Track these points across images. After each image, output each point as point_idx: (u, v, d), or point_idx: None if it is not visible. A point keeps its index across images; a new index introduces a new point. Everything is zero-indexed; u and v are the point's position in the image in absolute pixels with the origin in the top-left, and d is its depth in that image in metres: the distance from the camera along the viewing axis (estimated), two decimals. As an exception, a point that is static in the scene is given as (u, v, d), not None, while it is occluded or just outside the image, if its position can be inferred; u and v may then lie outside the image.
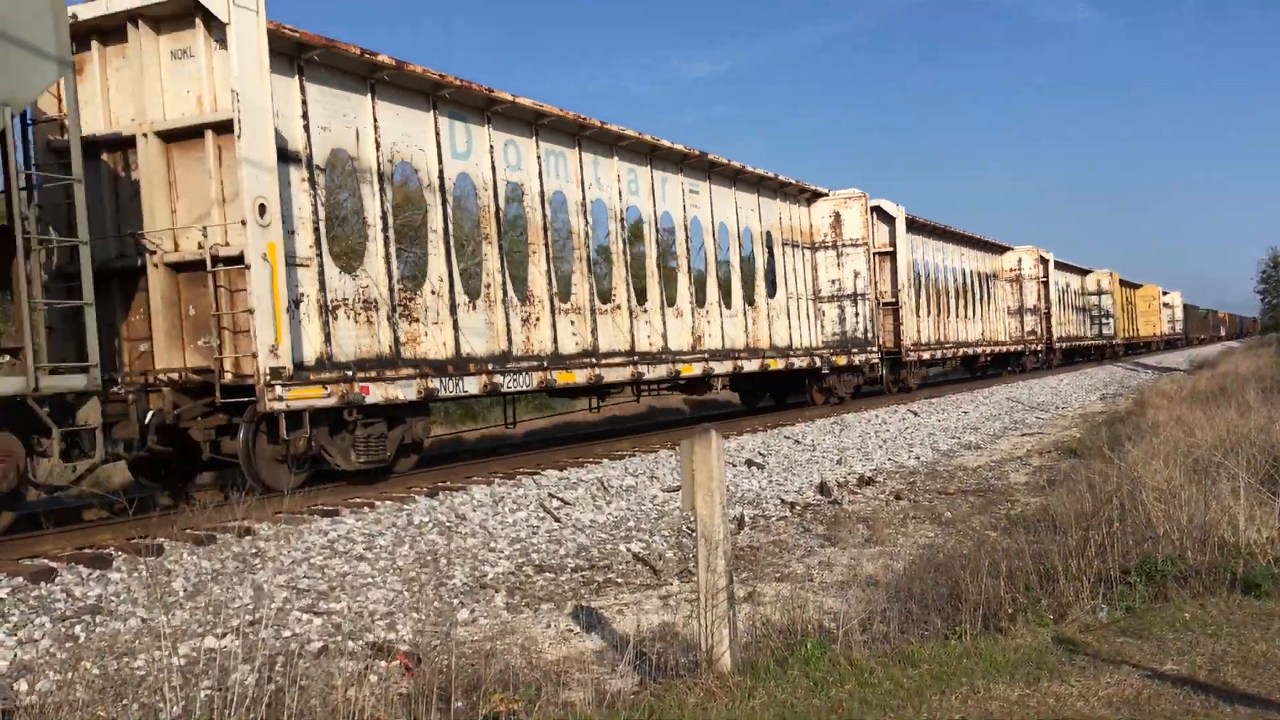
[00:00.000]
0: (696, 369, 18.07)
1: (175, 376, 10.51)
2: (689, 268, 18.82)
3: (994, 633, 6.32)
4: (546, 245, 14.87)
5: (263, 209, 10.08)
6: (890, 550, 9.96)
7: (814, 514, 12.06)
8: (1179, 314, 76.97)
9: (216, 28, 10.19)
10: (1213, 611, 6.46)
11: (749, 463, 14.86)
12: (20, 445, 8.56)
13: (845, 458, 16.43)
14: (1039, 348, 40.00)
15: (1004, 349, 36.40)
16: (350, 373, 11.15)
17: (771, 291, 21.83)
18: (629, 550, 9.96)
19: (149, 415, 10.09)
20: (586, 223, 15.98)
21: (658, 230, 18.03)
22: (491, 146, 13.99)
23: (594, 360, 15.44)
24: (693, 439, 5.76)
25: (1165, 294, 72.03)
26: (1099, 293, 51.37)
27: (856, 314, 23.94)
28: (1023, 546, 7.84)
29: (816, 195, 23.88)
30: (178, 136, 10.64)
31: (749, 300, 20.81)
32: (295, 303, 10.78)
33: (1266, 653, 5.65)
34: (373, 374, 11.45)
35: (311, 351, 11.01)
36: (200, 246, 10.35)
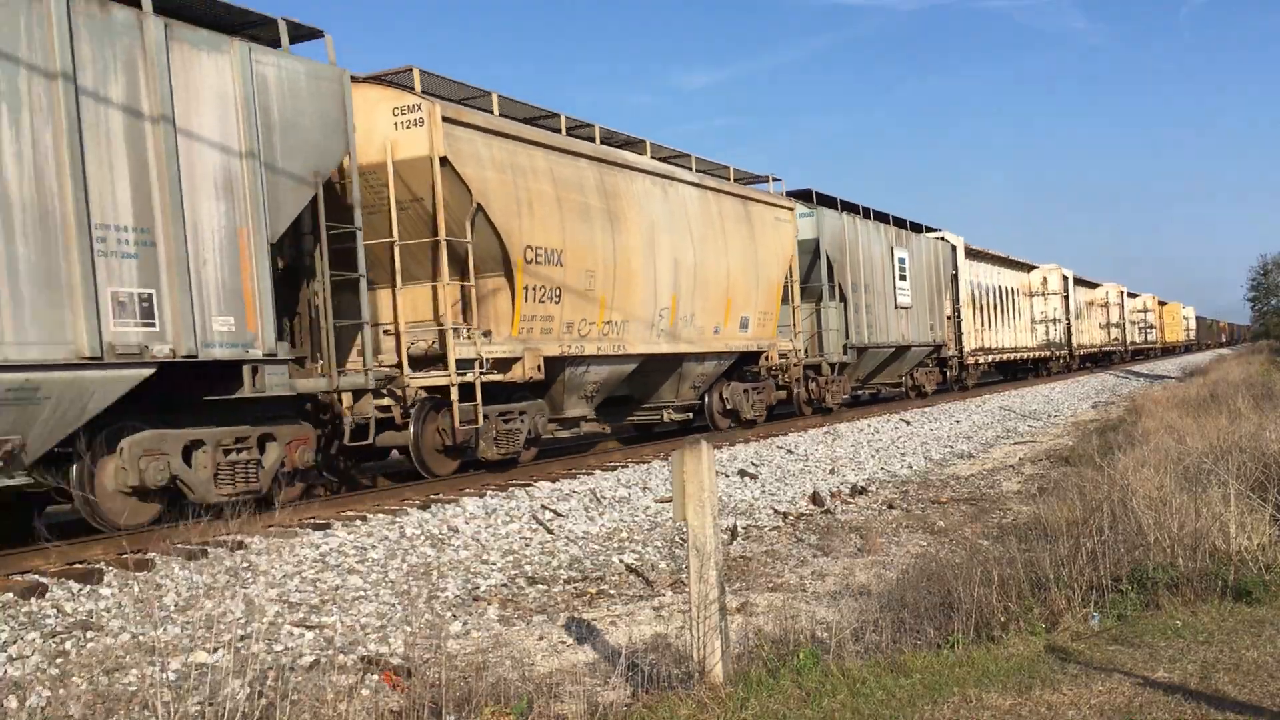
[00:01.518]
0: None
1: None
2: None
3: (986, 641, 6.33)
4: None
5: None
6: (883, 559, 9.96)
7: (807, 523, 12.06)
8: (1193, 324, 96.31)
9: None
10: (1204, 619, 6.47)
11: (741, 473, 14.86)
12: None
13: (838, 467, 16.44)
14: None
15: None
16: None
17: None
18: (622, 561, 9.95)
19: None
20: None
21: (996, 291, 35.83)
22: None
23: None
24: (683, 450, 5.76)
25: (1184, 308, 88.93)
26: (1144, 310, 67.44)
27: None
28: (1015, 555, 7.85)
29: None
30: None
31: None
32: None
33: (1258, 660, 5.67)
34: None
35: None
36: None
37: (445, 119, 12.17)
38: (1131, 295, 64.77)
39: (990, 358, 35.37)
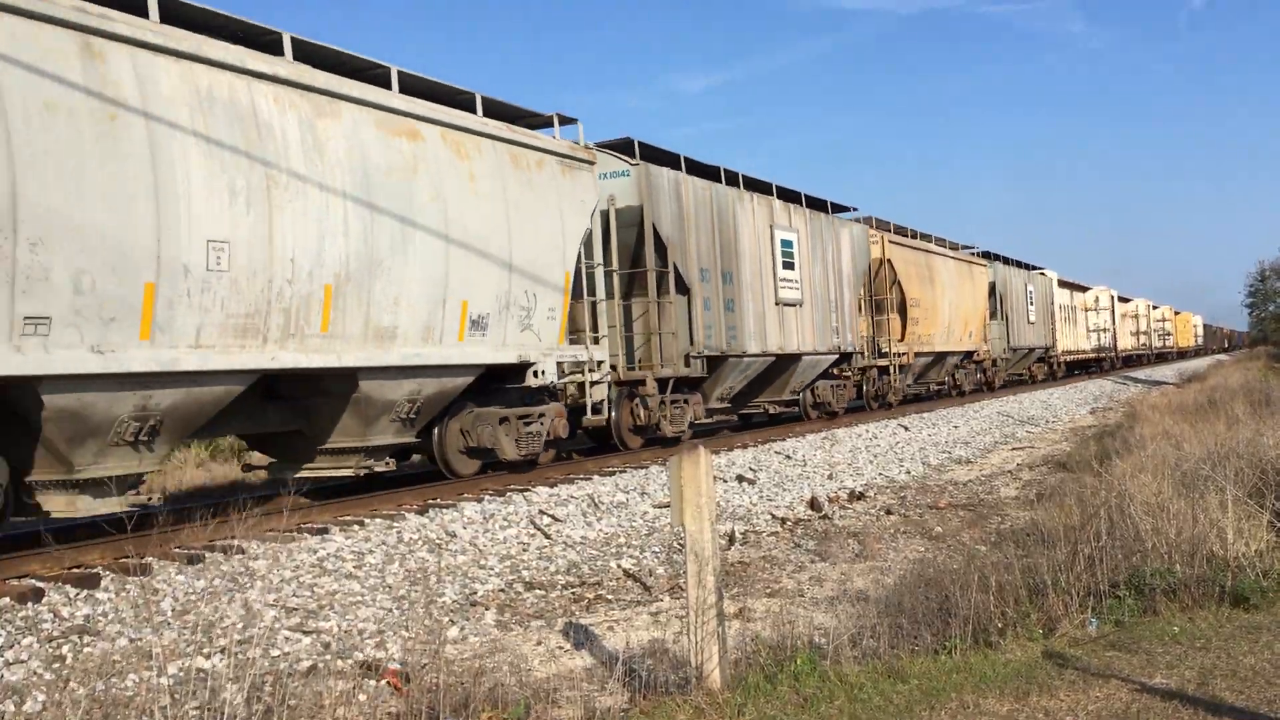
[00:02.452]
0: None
1: None
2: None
3: (984, 647, 6.33)
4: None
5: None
6: (881, 565, 9.96)
7: (805, 529, 12.06)
8: (1200, 331, 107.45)
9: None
10: (1201, 625, 6.48)
11: (740, 478, 14.86)
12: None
13: (836, 473, 16.44)
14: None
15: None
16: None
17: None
18: (619, 567, 9.94)
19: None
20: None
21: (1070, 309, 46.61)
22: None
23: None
24: (681, 455, 5.76)
25: (1194, 317, 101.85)
26: (1164, 320, 78.71)
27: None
28: (1012, 560, 7.85)
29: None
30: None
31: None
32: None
33: (1255, 666, 5.67)
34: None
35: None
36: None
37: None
38: (1154, 307, 76.97)
39: (1070, 357, 47.70)
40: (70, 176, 8.02)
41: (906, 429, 22.55)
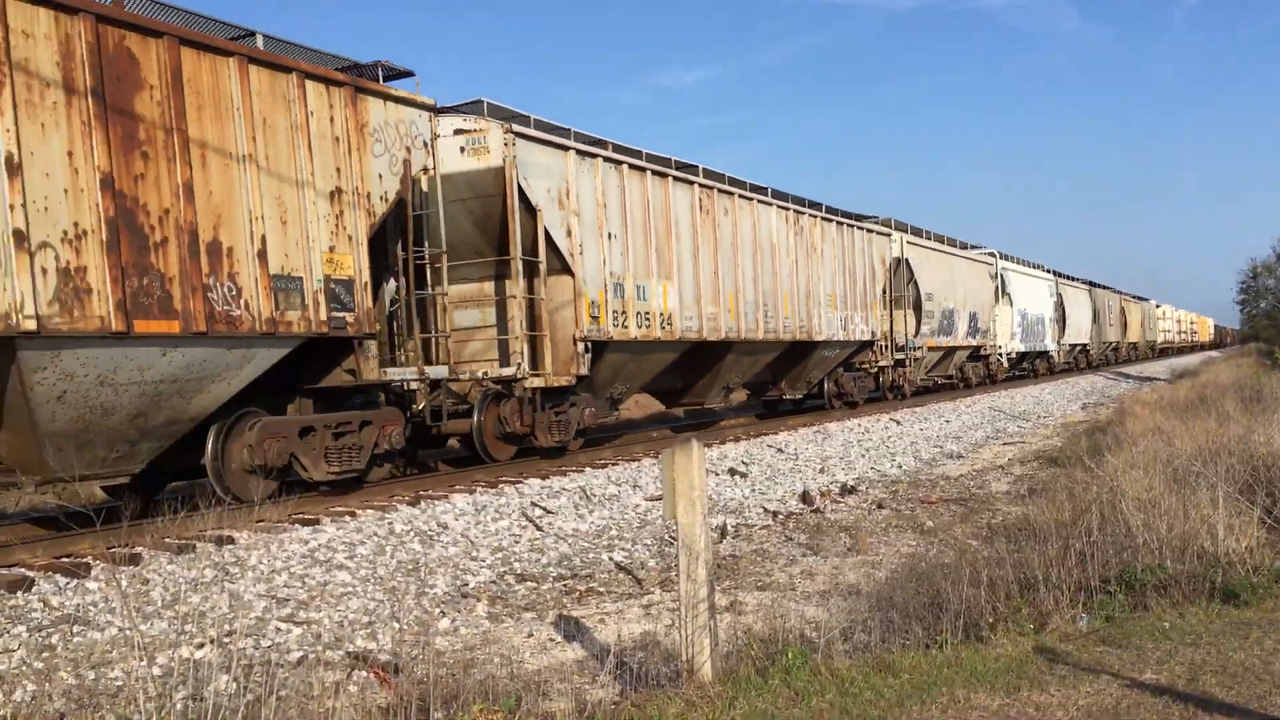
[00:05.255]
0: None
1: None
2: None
3: (975, 642, 6.33)
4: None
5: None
6: (872, 559, 9.97)
7: (797, 522, 12.06)
8: (1211, 329, 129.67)
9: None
10: (1192, 620, 6.48)
11: (732, 471, 14.86)
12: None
13: (828, 466, 16.44)
14: (1172, 345, 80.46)
15: (1170, 343, 74.10)
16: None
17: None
18: (611, 559, 9.94)
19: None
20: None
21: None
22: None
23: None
24: (674, 448, 5.75)
25: (1208, 319, 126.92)
26: (1192, 323, 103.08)
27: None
28: (1004, 555, 7.86)
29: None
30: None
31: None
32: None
33: (1245, 661, 5.68)
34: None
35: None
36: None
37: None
38: (1179, 309, 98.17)
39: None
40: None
41: (898, 423, 22.57)
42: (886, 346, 26.25)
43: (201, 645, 6.59)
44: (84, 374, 8.53)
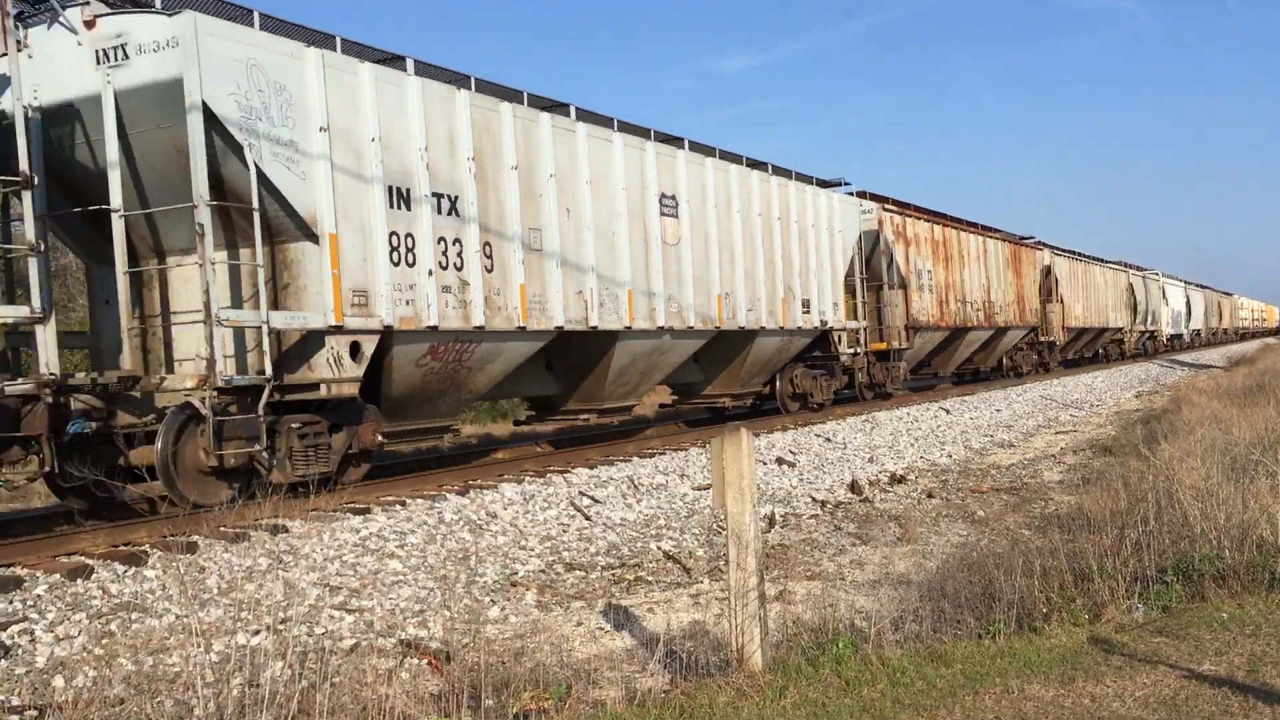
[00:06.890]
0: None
1: None
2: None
3: (1028, 632, 6.27)
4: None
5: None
6: (922, 549, 9.90)
7: (845, 512, 12.00)
8: (1277, 316, 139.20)
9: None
10: (1251, 611, 6.37)
11: (780, 460, 14.81)
12: None
13: (876, 456, 16.34)
14: (1249, 331, 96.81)
15: (1246, 329, 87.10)
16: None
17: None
18: (659, 548, 9.95)
19: None
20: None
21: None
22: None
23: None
24: (723, 437, 5.74)
25: (1275, 306, 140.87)
26: (1262, 311, 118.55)
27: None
28: (1057, 545, 7.76)
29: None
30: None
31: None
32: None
33: (1307, 653, 5.57)
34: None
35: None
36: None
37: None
38: (1252, 300, 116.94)
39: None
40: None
41: (948, 412, 22.37)
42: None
43: (257, 632, 6.68)
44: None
